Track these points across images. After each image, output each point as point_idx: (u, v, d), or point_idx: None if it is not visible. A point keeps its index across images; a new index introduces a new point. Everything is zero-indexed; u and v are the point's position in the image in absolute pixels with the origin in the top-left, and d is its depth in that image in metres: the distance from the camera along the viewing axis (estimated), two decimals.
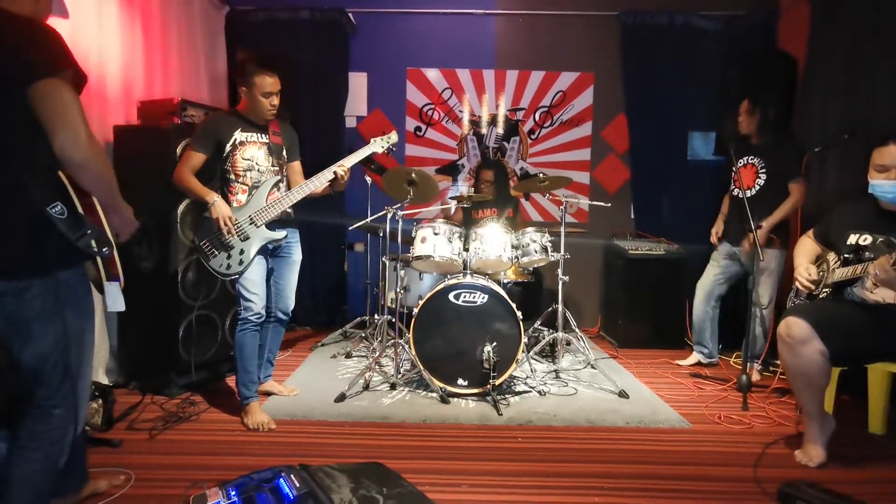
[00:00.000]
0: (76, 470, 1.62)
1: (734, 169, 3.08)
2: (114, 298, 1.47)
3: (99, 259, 1.40)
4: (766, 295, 3.06)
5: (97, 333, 2.57)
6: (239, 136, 2.34)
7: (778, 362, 2.88)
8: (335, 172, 2.41)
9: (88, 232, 1.32)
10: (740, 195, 2.94)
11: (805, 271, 2.19)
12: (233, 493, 1.58)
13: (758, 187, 3.07)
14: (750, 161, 3.12)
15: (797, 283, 2.21)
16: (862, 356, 2.10)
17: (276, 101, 2.35)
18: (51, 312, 1.31)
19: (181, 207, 2.70)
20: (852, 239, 2.09)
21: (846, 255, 2.08)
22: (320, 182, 2.42)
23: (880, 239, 1.97)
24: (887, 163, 2.00)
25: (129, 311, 2.69)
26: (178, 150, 2.65)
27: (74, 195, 1.34)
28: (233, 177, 2.35)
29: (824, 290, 2.16)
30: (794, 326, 1.97)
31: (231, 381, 2.81)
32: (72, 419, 1.39)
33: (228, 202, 2.33)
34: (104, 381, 2.65)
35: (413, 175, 2.89)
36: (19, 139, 1.26)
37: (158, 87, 3.18)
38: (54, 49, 1.24)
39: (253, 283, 2.34)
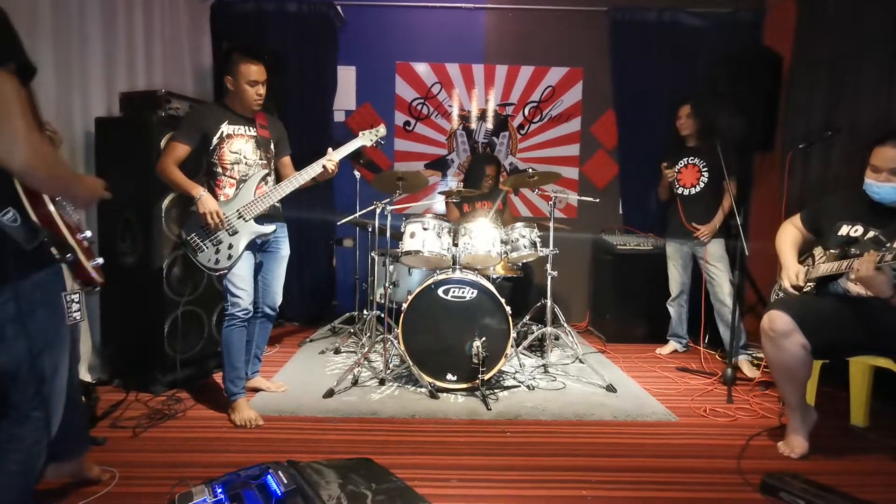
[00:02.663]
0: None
1: (676, 169, 3.33)
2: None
3: (65, 266, 1.33)
4: (726, 281, 3.16)
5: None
6: (226, 128, 2.30)
7: (761, 355, 2.93)
8: (324, 166, 2.39)
9: (45, 240, 1.24)
10: (685, 193, 3.31)
11: (794, 275, 2.16)
12: (219, 490, 1.56)
13: (702, 185, 3.27)
14: (691, 161, 3.30)
15: (782, 283, 2.21)
16: (843, 349, 2.13)
17: (262, 90, 2.31)
18: (24, 315, 1.26)
19: (166, 201, 2.66)
20: (844, 230, 2.09)
21: (832, 250, 2.10)
22: (308, 175, 2.39)
23: (869, 235, 2.00)
24: (879, 164, 2.00)
25: (112, 307, 2.71)
26: (162, 143, 2.60)
27: (26, 199, 1.23)
28: (220, 170, 2.31)
29: (808, 283, 2.19)
30: (777, 320, 1.99)
31: (218, 377, 2.78)
32: (48, 420, 1.36)
33: (215, 196, 2.29)
34: (87, 378, 2.61)
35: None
36: None
37: (141, 79, 3.12)
38: None
39: (241, 278, 2.31)
